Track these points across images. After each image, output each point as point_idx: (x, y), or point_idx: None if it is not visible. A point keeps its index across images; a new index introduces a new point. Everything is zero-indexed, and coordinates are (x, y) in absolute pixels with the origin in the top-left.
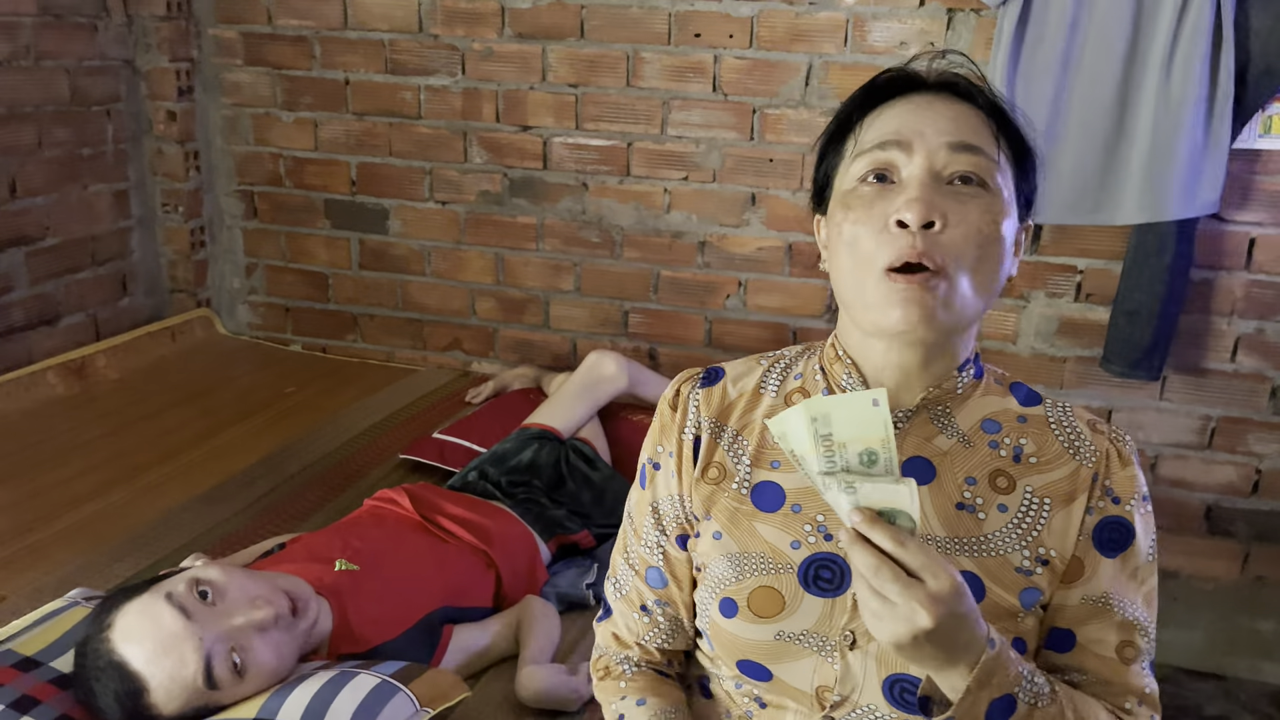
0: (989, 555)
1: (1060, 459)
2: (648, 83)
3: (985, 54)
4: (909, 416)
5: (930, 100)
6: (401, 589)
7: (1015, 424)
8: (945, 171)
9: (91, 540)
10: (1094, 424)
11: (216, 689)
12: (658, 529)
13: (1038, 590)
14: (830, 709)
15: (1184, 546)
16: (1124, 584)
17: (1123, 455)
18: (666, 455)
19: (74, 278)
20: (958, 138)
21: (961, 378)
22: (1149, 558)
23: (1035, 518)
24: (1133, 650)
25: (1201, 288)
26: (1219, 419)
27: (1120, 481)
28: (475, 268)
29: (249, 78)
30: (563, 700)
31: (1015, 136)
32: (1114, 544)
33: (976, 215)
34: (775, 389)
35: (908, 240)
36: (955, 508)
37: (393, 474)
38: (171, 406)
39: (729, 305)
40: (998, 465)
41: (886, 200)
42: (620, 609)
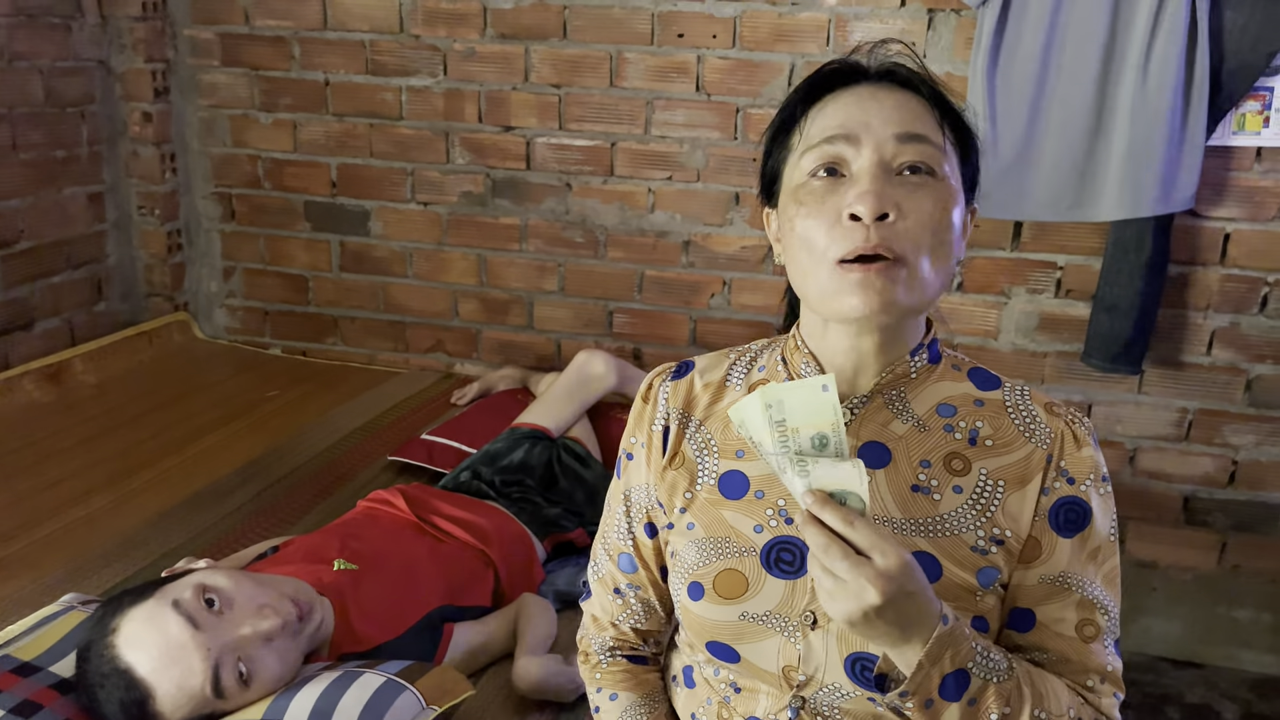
0: (944, 535)
1: (1015, 442)
2: (631, 83)
3: (966, 54)
4: (864, 402)
5: (874, 91)
6: (401, 588)
7: (972, 408)
8: (895, 162)
9: (76, 547)
10: (1050, 406)
11: (223, 698)
12: (628, 516)
13: (995, 569)
14: (797, 689)
15: (1162, 537)
16: (1082, 563)
17: (1078, 436)
18: (639, 446)
19: (49, 282)
20: (904, 128)
21: (915, 362)
22: (1110, 537)
23: (990, 499)
24: (1093, 628)
25: (1178, 282)
26: (1196, 411)
27: (1075, 462)
28: (458, 269)
29: (226, 79)
30: (559, 689)
31: (957, 123)
32: (1071, 524)
33: (929, 203)
34: (740, 381)
35: (861, 233)
36: (910, 490)
37: (381, 475)
38: (151, 411)
39: (713, 304)
40: (953, 448)
41: (838, 194)
42: (597, 590)
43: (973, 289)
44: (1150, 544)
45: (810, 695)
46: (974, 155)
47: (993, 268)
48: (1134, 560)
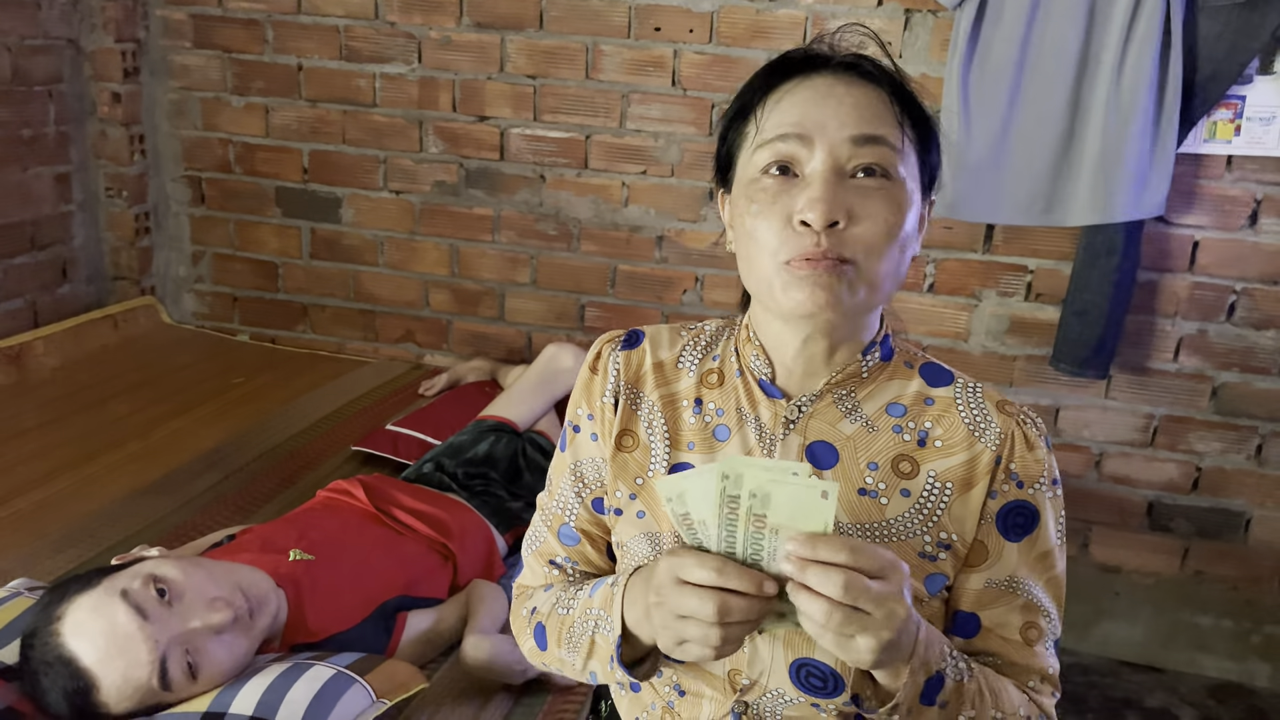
0: (892, 540)
1: (963, 443)
2: (607, 75)
3: (942, 55)
4: (813, 400)
5: (832, 85)
6: (357, 579)
7: (922, 406)
8: (849, 164)
9: (32, 531)
10: (1003, 404)
11: (169, 690)
12: (575, 488)
13: (943, 575)
14: (741, 693)
15: (1126, 542)
16: (1029, 567)
17: (1029, 438)
18: (585, 418)
19: (11, 262)
20: (860, 130)
21: (866, 361)
22: (1057, 541)
23: (936, 502)
24: (1036, 631)
25: (1146, 289)
26: (1161, 418)
27: (1025, 465)
28: (429, 259)
29: (198, 61)
30: (506, 669)
31: (918, 117)
32: (1019, 528)
33: (881, 208)
34: (693, 366)
35: (811, 239)
36: (857, 493)
37: (345, 465)
38: (114, 396)
39: (686, 300)
40: (901, 450)
41: (789, 196)
42: (531, 563)
43: (943, 291)
44: (1114, 548)
45: (754, 700)
46: (935, 149)
47: (964, 270)
48: (1097, 564)
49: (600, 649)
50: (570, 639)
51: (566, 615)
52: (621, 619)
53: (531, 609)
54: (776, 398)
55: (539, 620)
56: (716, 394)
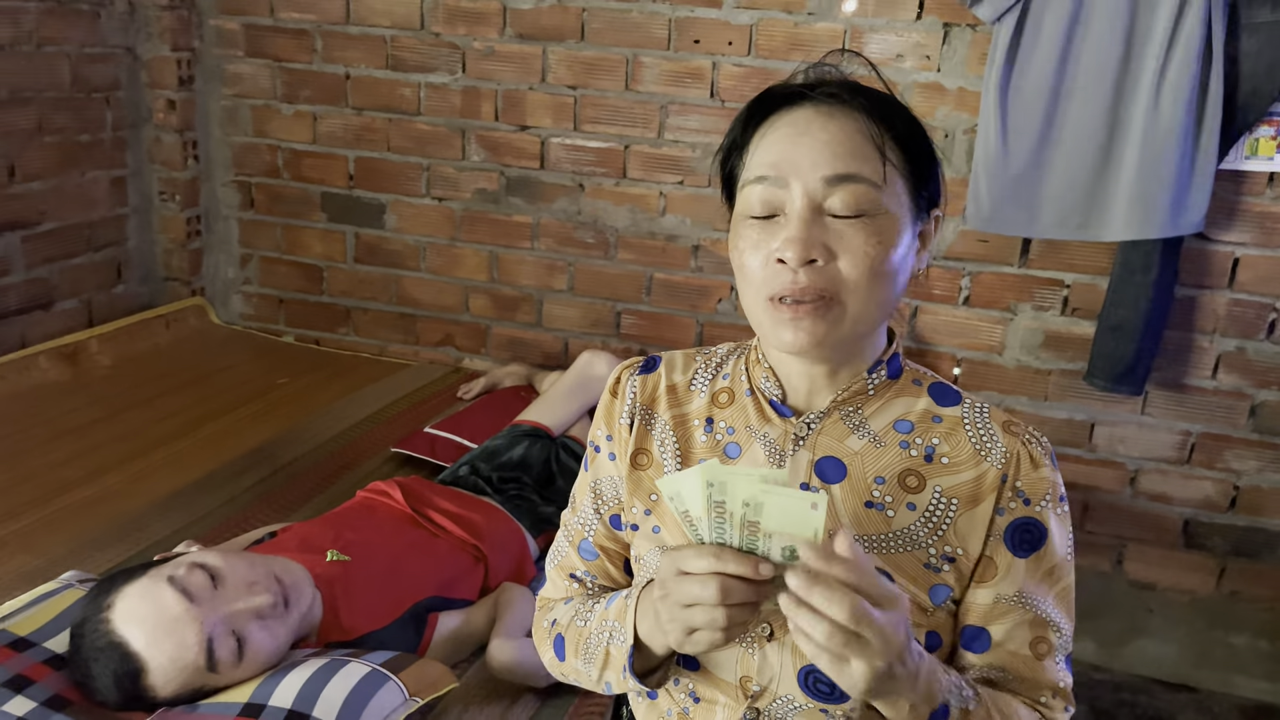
0: (897, 551)
1: (970, 461)
2: (646, 87)
3: (980, 69)
4: (820, 418)
5: (809, 120)
6: (391, 581)
7: (929, 424)
8: (825, 203)
9: (83, 525)
10: (1009, 425)
11: (216, 672)
12: (594, 505)
13: (947, 587)
14: (752, 699)
15: (1161, 559)
16: (1037, 582)
17: (1034, 457)
18: (605, 439)
19: (69, 263)
20: (834, 169)
21: (872, 379)
22: (1065, 556)
23: (942, 516)
24: (1046, 646)
25: (1185, 305)
26: (1199, 435)
27: (1031, 482)
28: (470, 265)
29: (249, 69)
30: (531, 672)
31: (908, 139)
32: (1026, 544)
33: (860, 243)
34: (705, 387)
35: (789, 277)
36: (864, 506)
37: (384, 467)
38: (164, 394)
39: (720, 309)
40: (908, 465)
41: (771, 235)
42: (553, 576)
43: (979, 304)
44: (1149, 566)
45: (765, 707)
46: (931, 169)
47: (999, 283)
48: (1131, 581)
49: (614, 659)
50: (586, 650)
51: (584, 627)
52: (634, 629)
53: (552, 620)
54: (786, 416)
55: (558, 632)
56: (727, 413)
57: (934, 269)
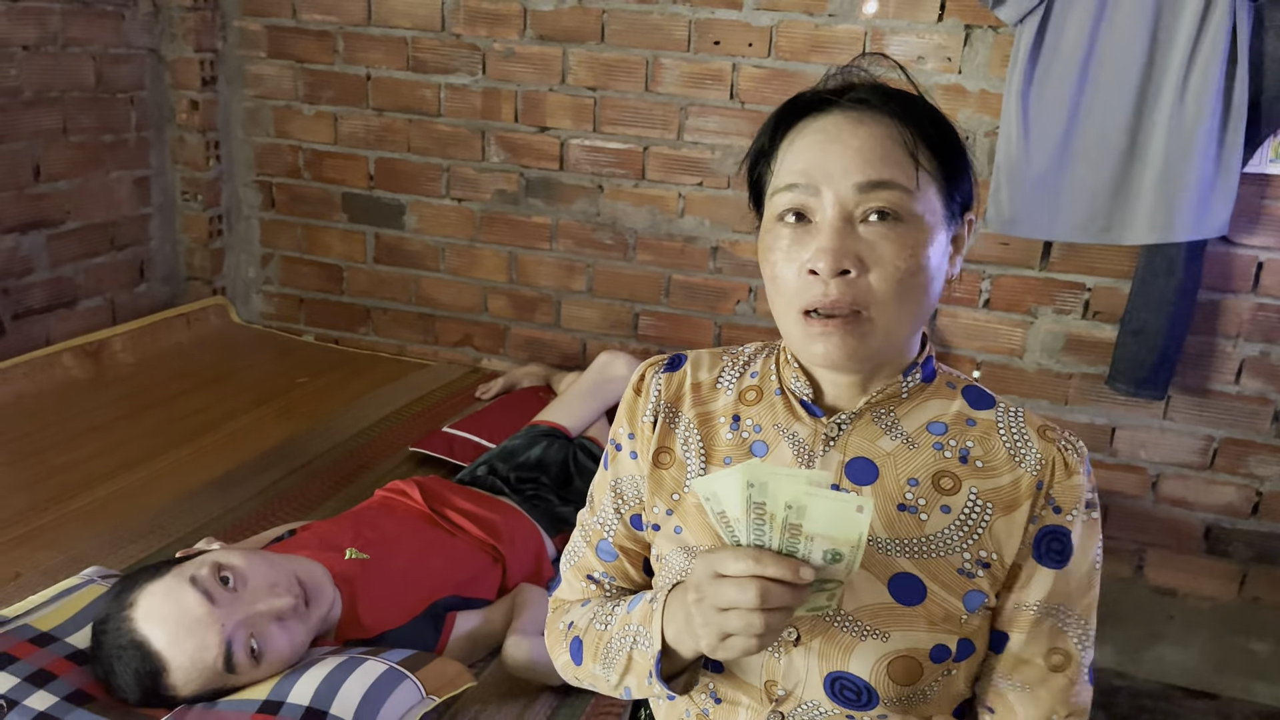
0: (930, 557)
1: (1005, 465)
2: (666, 88)
3: (1002, 71)
4: (852, 419)
5: (840, 127)
6: (410, 579)
7: (963, 427)
8: (858, 211)
9: (105, 521)
10: (1045, 430)
11: (234, 673)
12: (614, 504)
13: (981, 593)
14: (776, 703)
15: (1182, 565)
16: (1061, 593)
17: (1069, 464)
18: (626, 437)
19: (93, 262)
20: (865, 176)
21: (906, 382)
22: (1094, 565)
23: (978, 520)
24: (1061, 658)
25: (1208, 309)
26: (1221, 440)
27: (1064, 490)
28: (489, 265)
29: (272, 70)
30: (546, 670)
31: (939, 144)
32: (1053, 553)
33: (892, 253)
34: (731, 385)
35: (821, 289)
36: (896, 509)
37: (402, 466)
38: (185, 392)
39: (739, 310)
40: (942, 466)
41: (802, 244)
42: (568, 577)
43: (999, 307)
44: (1170, 571)
45: (789, 711)
46: (963, 172)
47: (1020, 287)
48: (1152, 586)
49: (638, 664)
50: (606, 655)
51: (604, 631)
52: (661, 634)
53: (568, 623)
54: (818, 416)
55: (575, 635)
56: (754, 410)
57: None
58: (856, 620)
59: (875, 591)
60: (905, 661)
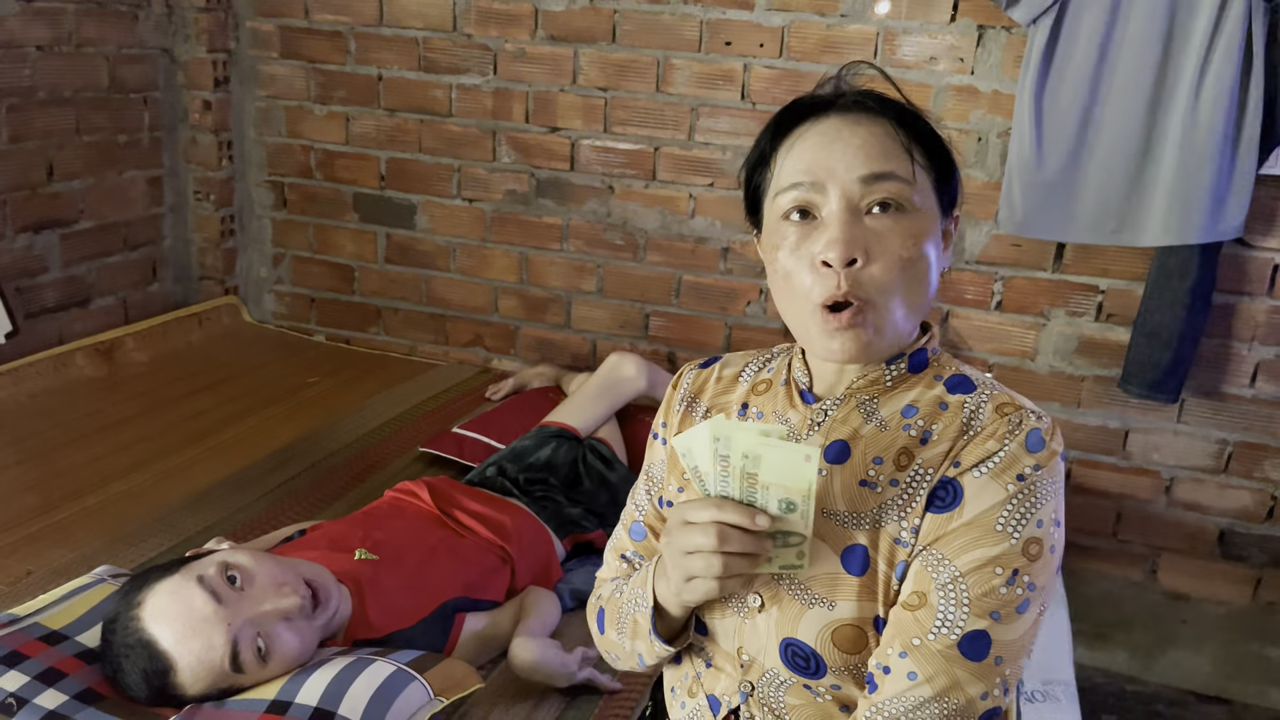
0: (877, 527)
1: (953, 438)
2: (677, 89)
3: (1015, 71)
4: (838, 404)
5: (839, 127)
6: (418, 580)
7: (935, 410)
8: (863, 202)
9: (116, 520)
10: (1003, 406)
11: (241, 672)
12: (646, 487)
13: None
14: (744, 670)
15: (1196, 570)
16: (934, 536)
17: (996, 432)
18: (661, 425)
19: (106, 261)
20: (869, 169)
21: (889, 371)
22: (999, 528)
23: (916, 489)
24: (916, 598)
25: (1223, 312)
26: (1236, 444)
27: (969, 451)
28: (499, 266)
29: (284, 70)
30: (552, 672)
31: (930, 143)
32: (937, 499)
33: (897, 243)
34: (749, 378)
35: (833, 280)
36: (858, 484)
37: (412, 466)
38: (197, 391)
39: (749, 312)
40: (904, 445)
41: (811, 239)
42: (608, 558)
43: (1011, 309)
44: (1183, 576)
45: (755, 680)
46: (951, 172)
47: (1033, 288)
48: (1165, 591)
49: (641, 626)
50: (619, 621)
51: (619, 599)
52: (654, 592)
53: (599, 596)
54: (809, 403)
55: (600, 605)
56: (761, 399)
57: (966, 273)
58: (808, 588)
59: (829, 562)
60: (850, 630)
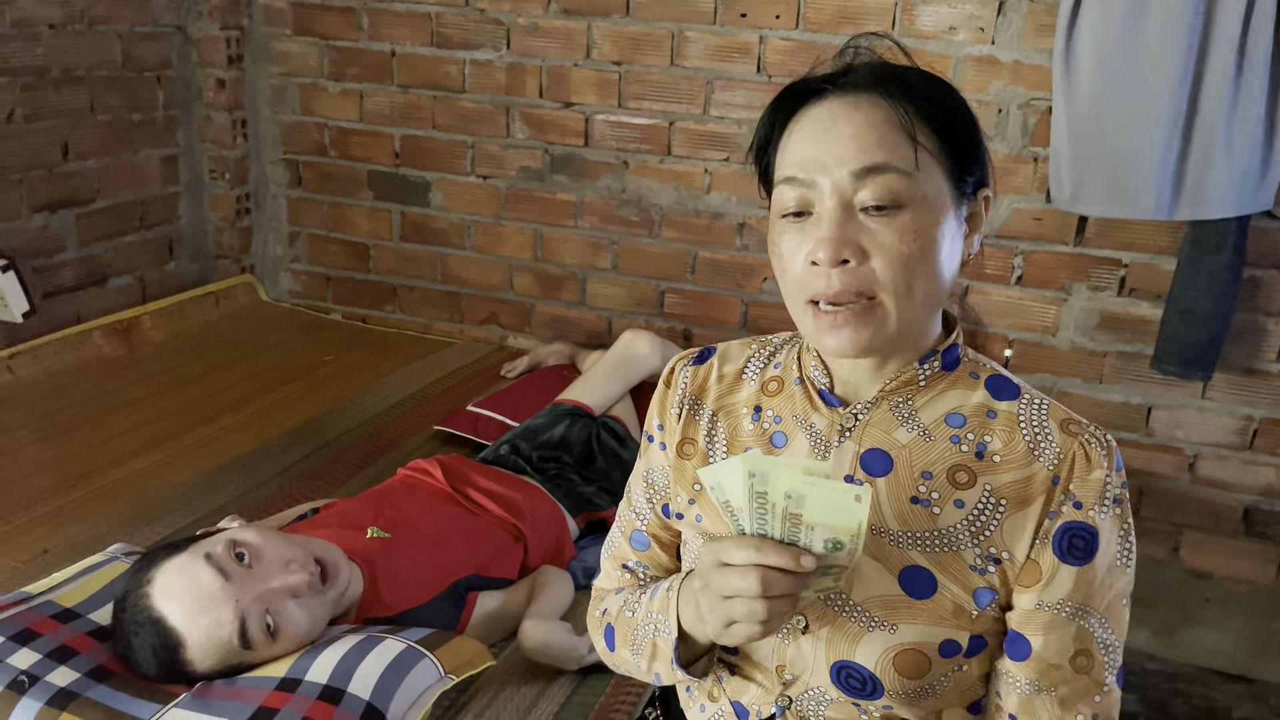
0: (942, 551)
1: (1022, 460)
2: (691, 62)
3: (1037, 41)
4: (869, 408)
5: (834, 115)
6: (431, 558)
7: (983, 419)
8: (856, 198)
9: (132, 498)
10: (1067, 423)
11: (250, 649)
12: (647, 494)
13: (992, 590)
14: (785, 686)
15: (1219, 547)
16: (1085, 593)
17: (1091, 457)
18: (657, 428)
19: (122, 240)
20: (860, 163)
21: (923, 370)
22: (1118, 562)
23: (990, 517)
24: (1086, 660)
25: (1249, 286)
26: (1262, 420)
27: (1084, 485)
28: (514, 243)
29: (297, 47)
30: (562, 654)
31: (941, 118)
32: (1075, 550)
33: (894, 240)
34: (756, 375)
35: (824, 280)
36: (909, 501)
37: (427, 444)
38: (214, 370)
39: (766, 288)
40: (958, 460)
41: (806, 235)
42: (606, 567)
43: (1031, 283)
44: (1206, 554)
45: (796, 695)
46: (972, 145)
47: (1054, 263)
48: (1188, 569)
49: (661, 651)
50: (634, 642)
51: (632, 618)
52: (678, 620)
53: (603, 610)
54: (834, 406)
55: (608, 622)
56: (775, 401)
57: (986, 248)
58: (865, 610)
59: (885, 583)
60: (912, 655)
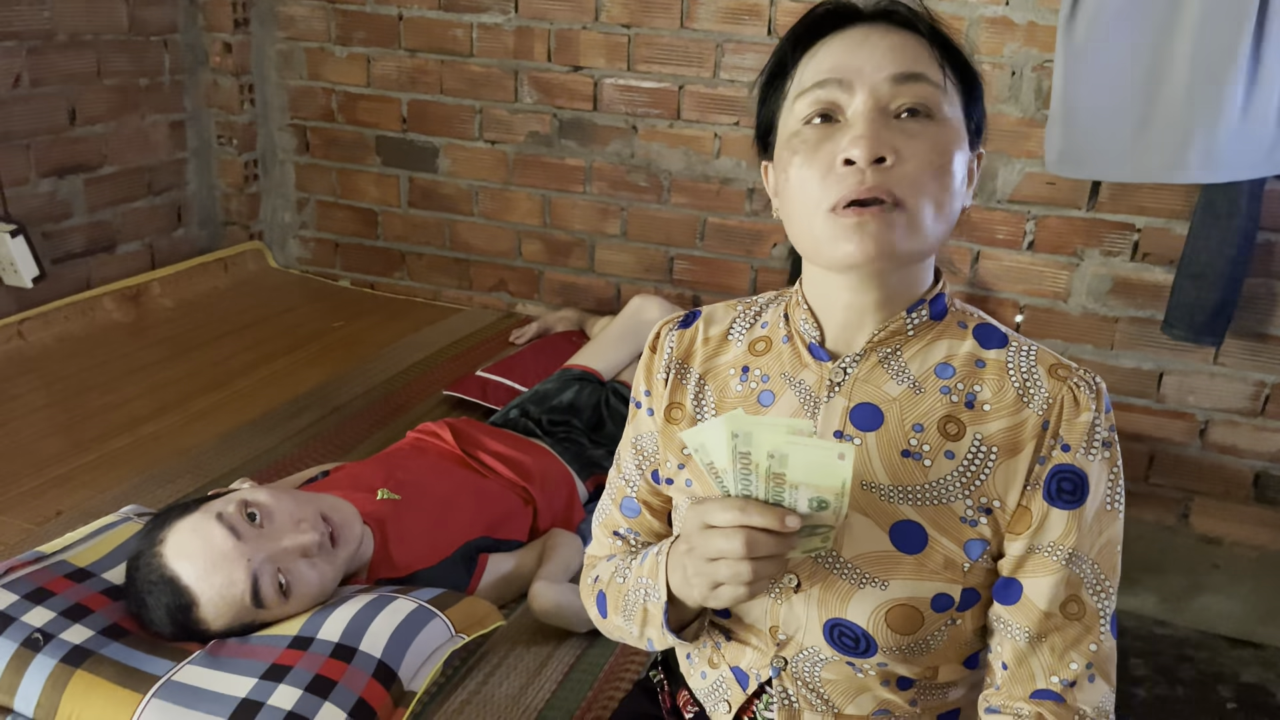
0: (932, 504)
1: (1012, 407)
2: (701, 25)
3: (1052, 2)
4: (857, 361)
5: (867, 33)
6: (441, 520)
7: (972, 368)
8: (892, 105)
9: (144, 461)
10: (1056, 368)
11: (263, 607)
12: (636, 461)
13: (984, 541)
14: (780, 647)
15: (1229, 513)
16: (1075, 536)
17: (1079, 400)
18: (644, 394)
19: (131, 206)
20: (900, 68)
21: (911, 319)
22: (1107, 505)
23: (981, 466)
24: (1077, 606)
25: (1262, 250)
26: (1273, 386)
27: (1072, 428)
28: (522, 209)
29: (304, 11)
30: (573, 616)
31: (959, 63)
32: (1066, 494)
33: (927, 148)
34: (742, 336)
35: (856, 178)
36: (900, 455)
37: (436, 409)
38: (223, 336)
39: (775, 254)
40: (948, 411)
41: (833, 140)
42: (597, 534)
43: (1043, 249)
44: (1216, 520)
45: (791, 655)
46: (979, 97)
47: (1066, 228)
48: (1197, 535)
49: (652, 615)
50: (625, 608)
51: (623, 584)
52: (667, 584)
53: (595, 577)
54: (823, 360)
55: (600, 589)
56: (763, 360)
57: (997, 213)
58: (856, 567)
59: (876, 539)
60: (905, 610)
